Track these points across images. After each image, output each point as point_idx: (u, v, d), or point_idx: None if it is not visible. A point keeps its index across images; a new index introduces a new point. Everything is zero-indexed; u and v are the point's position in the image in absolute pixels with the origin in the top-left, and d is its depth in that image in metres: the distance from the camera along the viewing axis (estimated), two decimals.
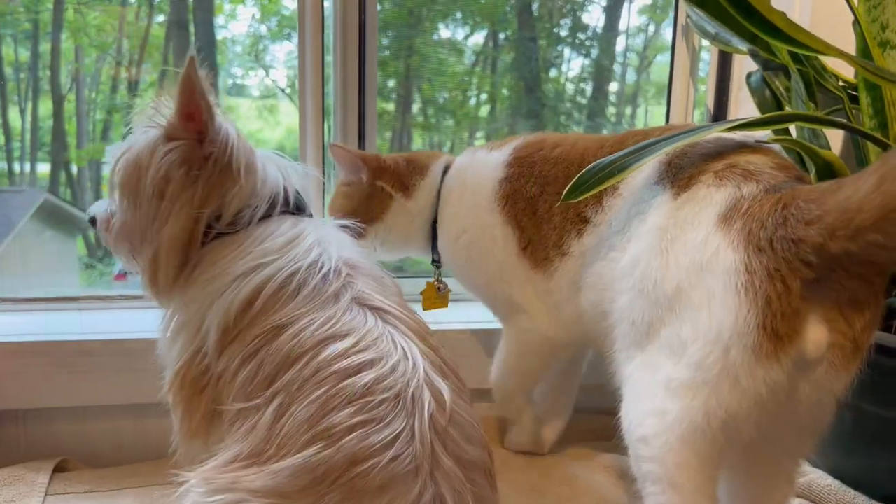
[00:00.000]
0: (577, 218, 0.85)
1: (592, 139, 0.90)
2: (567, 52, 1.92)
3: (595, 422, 1.07)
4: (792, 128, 0.95)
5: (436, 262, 1.04)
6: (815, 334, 0.62)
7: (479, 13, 1.89)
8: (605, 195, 0.82)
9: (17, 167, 1.92)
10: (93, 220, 0.79)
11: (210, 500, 0.56)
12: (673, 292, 0.68)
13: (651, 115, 1.87)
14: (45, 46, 1.74)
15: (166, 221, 0.71)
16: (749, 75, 0.92)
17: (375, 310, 0.65)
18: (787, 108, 0.98)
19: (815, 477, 0.92)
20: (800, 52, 0.84)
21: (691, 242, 0.68)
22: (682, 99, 1.31)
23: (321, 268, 0.67)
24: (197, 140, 0.71)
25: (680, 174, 0.74)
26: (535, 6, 1.79)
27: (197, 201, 0.71)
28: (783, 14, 0.73)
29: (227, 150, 0.71)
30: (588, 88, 1.96)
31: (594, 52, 1.94)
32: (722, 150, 0.74)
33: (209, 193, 0.71)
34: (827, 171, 0.84)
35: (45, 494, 0.91)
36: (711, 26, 0.99)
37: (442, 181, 0.99)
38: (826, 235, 0.60)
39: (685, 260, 0.68)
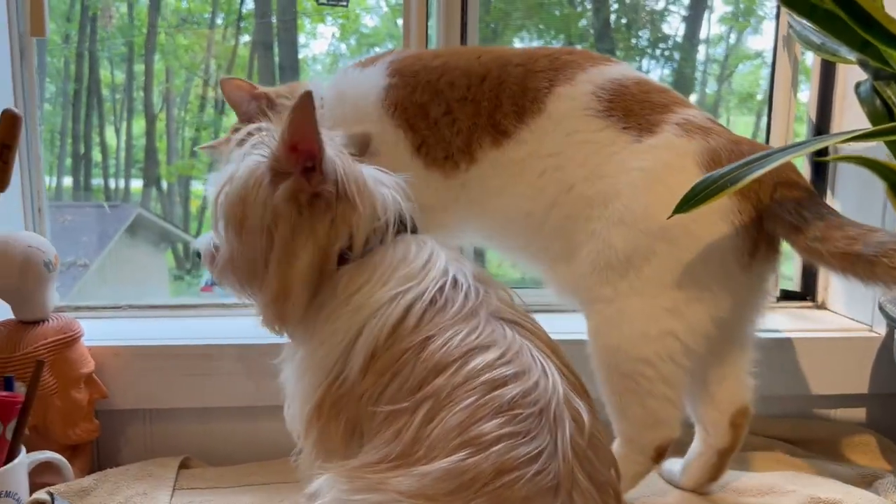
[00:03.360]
0: (492, 128, 0.90)
1: (479, 52, 0.95)
2: (646, 62, 1.92)
3: None
4: None
5: None
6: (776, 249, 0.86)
7: (555, 26, 1.90)
8: (527, 114, 0.89)
9: (112, 183, 2.01)
10: (198, 254, 0.79)
11: (355, 499, 0.57)
12: (667, 223, 0.79)
13: (734, 125, 1.85)
14: (138, 68, 1.82)
15: (294, 257, 0.70)
16: (858, 85, 0.91)
17: (510, 322, 0.66)
18: None
19: None
20: None
21: (680, 185, 0.78)
22: (784, 110, 1.29)
23: (461, 286, 0.68)
24: (303, 173, 0.70)
25: (630, 117, 0.86)
26: (612, 17, 1.80)
27: (324, 237, 0.70)
28: None
29: (340, 184, 0.70)
30: None
31: (674, 63, 1.93)
32: (653, 97, 0.87)
33: (338, 227, 0.71)
34: None
35: (174, 489, 0.97)
36: (817, 36, 0.98)
37: None
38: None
39: (677, 197, 0.77)
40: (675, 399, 0.86)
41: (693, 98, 1.88)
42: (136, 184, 2.06)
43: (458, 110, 0.91)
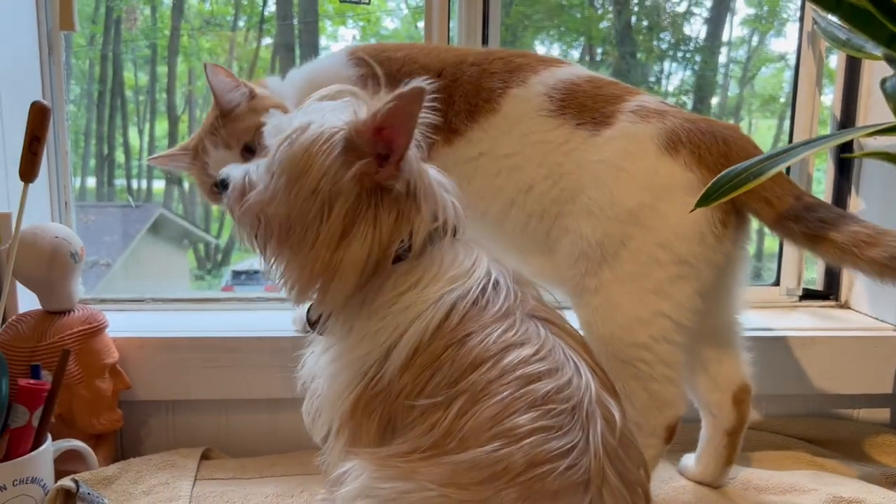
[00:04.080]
0: (444, 126, 0.90)
1: (440, 49, 0.97)
2: (667, 65, 1.91)
3: None
4: None
5: None
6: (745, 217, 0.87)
7: (576, 28, 1.90)
8: (480, 113, 0.91)
9: (135, 184, 2.03)
10: (223, 184, 0.74)
11: (384, 487, 0.58)
12: (634, 208, 0.83)
13: (755, 129, 1.84)
14: (161, 70, 1.84)
15: (348, 241, 0.68)
16: (884, 81, 0.91)
17: (543, 320, 0.66)
18: None
19: None
20: None
21: (642, 170, 0.83)
22: (808, 107, 1.29)
23: (501, 287, 0.68)
24: (377, 160, 0.67)
25: (584, 113, 0.88)
26: (633, 19, 1.79)
27: (386, 232, 0.68)
28: None
29: (411, 184, 0.69)
30: (689, 101, 1.94)
31: (695, 65, 1.92)
32: (605, 89, 0.89)
33: (401, 225, 0.69)
34: None
35: (195, 479, 0.98)
36: (842, 32, 0.98)
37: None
38: None
39: (640, 182, 0.84)
40: (675, 378, 0.88)
41: (714, 101, 1.88)
42: (158, 184, 2.08)
43: None
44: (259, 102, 0.96)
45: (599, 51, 1.87)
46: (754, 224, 0.90)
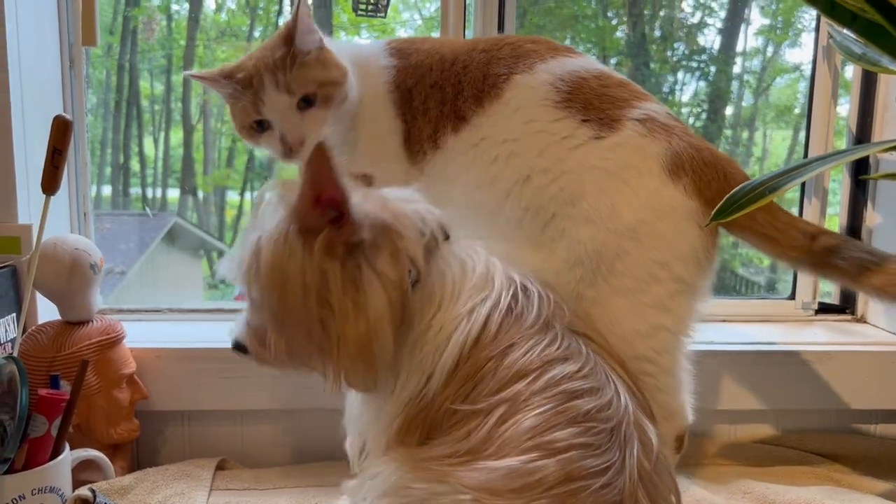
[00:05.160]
0: (453, 114, 0.90)
1: (460, 40, 0.97)
2: (681, 75, 1.91)
3: None
4: None
5: None
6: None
7: (590, 39, 1.90)
8: (486, 98, 0.90)
9: (150, 192, 2.05)
10: (240, 348, 0.74)
11: (417, 486, 0.58)
12: (634, 224, 0.84)
13: (770, 140, 1.83)
14: (177, 79, 1.86)
15: (362, 305, 0.65)
16: None
17: (583, 336, 0.67)
18: None
19: None
20: None
21: (644, 188, 0.84)
22: (824, 120, 1.28)
23: (531, 292, 0.69)
24: (332, 223, 0.66)
25: (590, 110, 0.87)
26: (647, 29, 1.80)
27: (391, 272, 0.66)
28: None
29: (374, 225, 0.67)
30: (703, 112, 1.94)
31: (709, 76, 1.91)
32: (613, 90, 0.89)
33: (399, 257, 0.68)
34: None
35: (210, 489, 0.98)
36: (858, 46, 0.98)
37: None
38: None
39: (642, 200, 0.84)
40: (679, 387, 0.88)
41: (729, 111, 1.87)
42: (173, 193, 2.09)
43: (430, 97, 0.92)
44: (328, 57, 0.92)
45: (613, 61, 1.87)
46: None
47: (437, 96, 0.92)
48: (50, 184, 0.89)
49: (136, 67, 1.79)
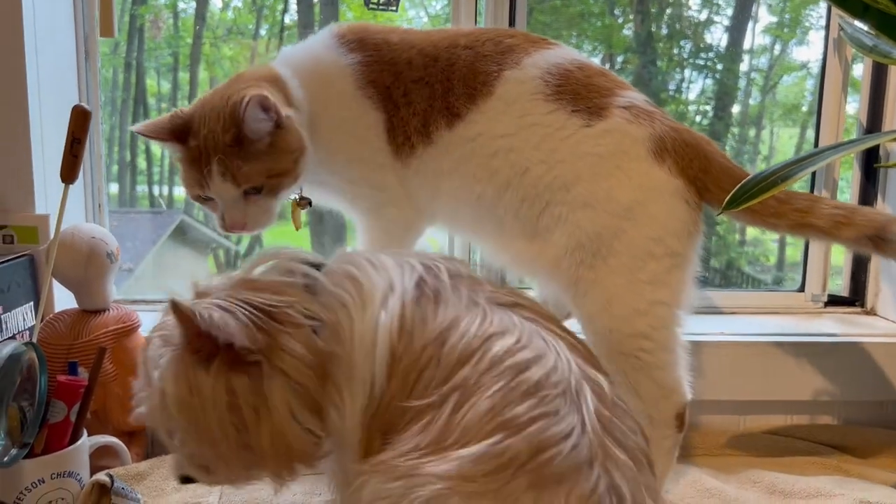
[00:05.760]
0: (445, 110, 0.93)
1: (430, 33, 0.97)
2: (688, 73, 1.91)
3: None
4: None
5: None
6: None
7: (596, 37, 1.90)
8: (478, 95, 0.92)
9: (156, 190, 2.06)
10: (187, 479, 0.71)
11: (392, 486, 0.57)
12: (629, 205, 0.87)
13: (777, 138, 1.83)
14: (183, 77, 1.87)
15: (274, 406, 0.64)
16: None
17: (512, 306, 0.67)
18: None
19: None
20: None
21: (636, 171, 0.88)
22: (834, 115, 1.29)
23: (437, 272, 0.68)
24: (223, 346, 0.63)
25: (578, 101, 0.90)
26: (654, 27, 1.80)
27: (294, 347, 0.64)
28: None
29: (261, 333, 0.63)
30: (709, 110, 1.94)
31: (716, 73, 1.92)
32: (596, 80, 0.92)
33: (295, 334, 0.65)
34: None
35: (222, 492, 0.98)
36: (869, 38, 0.99)
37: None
38: None
39: (634, 182, 0.88)
40: (676, 363, 0.90)
41: (736, 109, 1.88)
42: (180, 191, 2.10)
43: (412, 91, 0.93)
44: (282, 139, 0.89)
45: (620, 59, 1.87)
46: (774, 234, 0.93)
47: (424, 92, 0.93)
48: (69, 173, 0.90)
49: (143, 65, 1.79)
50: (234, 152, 0.87)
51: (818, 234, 0.90)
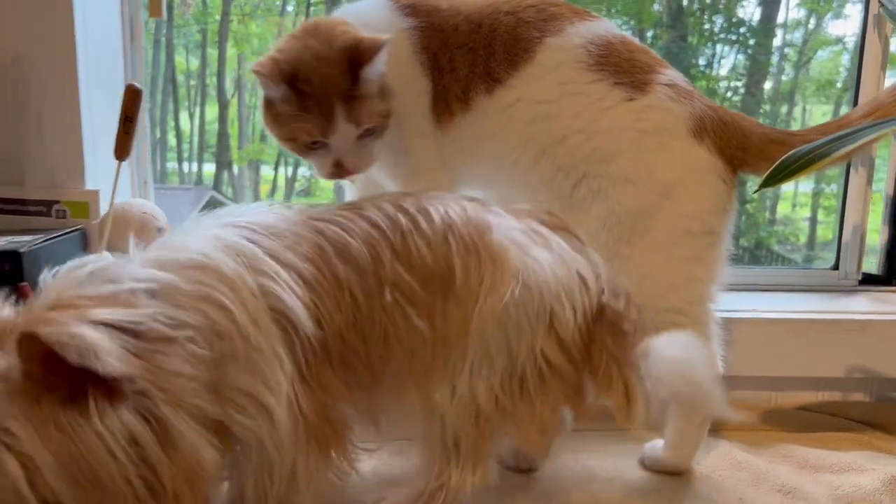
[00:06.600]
0: (486, 75, 0.93)
1: None
2: (719, 48, 1.89)
3: None
4: None
5: None
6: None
7: (627, 11, 1.89)
8: (519, 61, 0.92)
9: (185, 167, 2.08)
10: None
11: None
12: (669, 182, 0.89)
13: (809, 115, 1.81)
14: (212, 54, 1.88)
15: (180, 437, 0.56)
16: None
17: (320, 220, 0.74)
18: None
19: None
20: None
21: (678, 149, 0.89)
22: (872, 92, 1.27)
23: (253, 231, 0.69)
24: (84, 380, 0.53)
25: (621, 74, 0.91)
26: (685, 1, 1.78)
27: (182, 373, 0.58)
28: None
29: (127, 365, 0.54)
30: (740, 86, 1.92)
31: (748, 48, 1.89)
32: (637, 55, 0.92)
33: (171, 347, 0.58)
34: None
35: None
36: None
37: None
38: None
39: (676, 159, 0.89)
40: (710, 338, 0.92)
41: (768, 85, 1.86)
42: (209, 168, 2.12)
43: (457, 57, 0.93)
44: (385, 84, 0.91)
45: (650, 34, 1.86)
46: (806, 212, 0.94)
47: (468, 57, 0.93)
48: (122, 150, 0.93)
49: (172, 43, 1.81)
50: (353, 95, 0.87)
51: None
